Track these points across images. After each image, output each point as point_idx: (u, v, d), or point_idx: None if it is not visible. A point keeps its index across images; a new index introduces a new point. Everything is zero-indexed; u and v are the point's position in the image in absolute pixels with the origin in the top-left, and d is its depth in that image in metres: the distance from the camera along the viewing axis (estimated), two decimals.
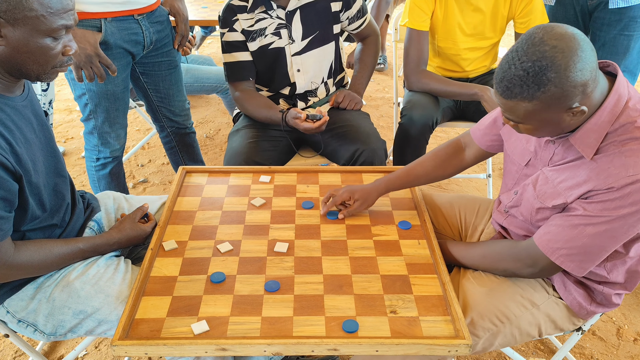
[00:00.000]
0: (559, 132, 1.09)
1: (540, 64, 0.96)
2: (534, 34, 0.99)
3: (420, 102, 2.05)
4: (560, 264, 1.14)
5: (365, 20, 2.04)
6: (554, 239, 1.13)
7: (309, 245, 1.36)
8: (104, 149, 1.98)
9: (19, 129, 1.14)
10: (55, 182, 1.26)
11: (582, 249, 1.10)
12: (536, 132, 1.08)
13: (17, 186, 1.11)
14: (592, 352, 1.82)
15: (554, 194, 1.16)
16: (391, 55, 4.48)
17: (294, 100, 2.01)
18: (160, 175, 2.91)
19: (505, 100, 1.03)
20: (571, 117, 1.03)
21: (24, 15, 1.04)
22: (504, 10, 2.01)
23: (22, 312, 1.24)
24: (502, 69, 1.02)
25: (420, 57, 2.08)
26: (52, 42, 1.10)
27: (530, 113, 1.02)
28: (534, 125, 1.06)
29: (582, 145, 1.08)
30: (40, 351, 1.77)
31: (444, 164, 1.48)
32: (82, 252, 1.28)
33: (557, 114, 1.02)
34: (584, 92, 0.99)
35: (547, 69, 0.96)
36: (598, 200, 1.06)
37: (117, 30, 1.77)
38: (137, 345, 1.07)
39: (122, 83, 1.88)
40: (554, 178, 1.16)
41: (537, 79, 0.97)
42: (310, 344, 1.07)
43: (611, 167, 1.05)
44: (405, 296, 1.20)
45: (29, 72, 1.11)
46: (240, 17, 1.87)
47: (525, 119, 1.04)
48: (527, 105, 1.01)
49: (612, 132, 1.06)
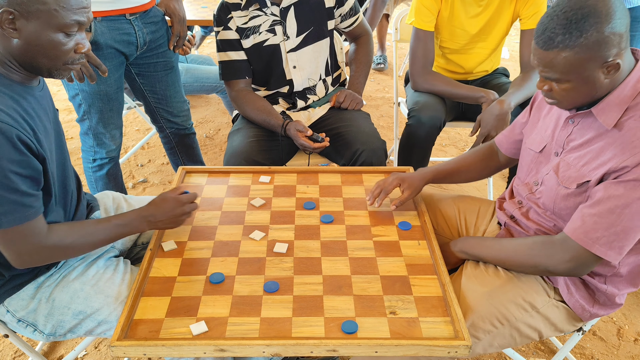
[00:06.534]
0: (592, 95, 1.10)
1: (582, 12, 1.01)
2: None
3: (428, 103, 2.04)
4: (602, 254, 1.10)
5: (357, 19, 2.05)
6: (593, 229, 1.10)
7: (309, 245, 1.36)
8: (99, 149, 1.97)
9: (39, 117, 1.15)
10: (64, 176, 1.26)
11: (622, 233, 1.08)
12: (572, 92, 1.10)
13: (41, 168, 1.11)
14: (593, 353, 1.82)
15: (579, 176, 1.16)
16: (391, 55, 4.48)
17: (293, 99, 2.01)
18: (160, 175, 2.91)
19: (546, 52, 1.06)
20: (605, 75, 1.06)
21: (36, 8, 1.04)
22: (509, 9, 2.01)
23: (22, 311, 1.24)
24: (543, 23, 1.06)
25: (427, 58, 2.07)
26: (64, 37, 1.10)
27: (571, 64, 1.05)
28: (571, 81, 1.08)
29: (603, 116, 1.11)
30: (40, 351, 1.77)
31: (483, 164, 1.53)
32: (117, 227, 1.23)
33: (595, 69, 1.05)
34: (619, 45, 1.04)
35: (590, 16, 1.01)
36: (628, 179, 1.06)
37: (107, 30, 1.75)
38: (136, 345, 1.07)
39: (115, 83, 1.87)
40: (576, 163, 1.17)
41: (579, 25, 1.01)
42: (309, 345, 1.07)
43: (635, 140, 1.06)
44: (404, 297, 1.20)
45: (41, 66, 1.11)
46: (234, 14, 1.87)
47: (564, 73, 1.07)
48: (568, 55, 1.04)
49: (633, 106, 1.09)
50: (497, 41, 2.11)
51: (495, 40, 2.10)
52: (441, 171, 1.51)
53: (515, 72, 3.88)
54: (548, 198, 1.25)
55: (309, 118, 2.02)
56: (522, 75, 2.01)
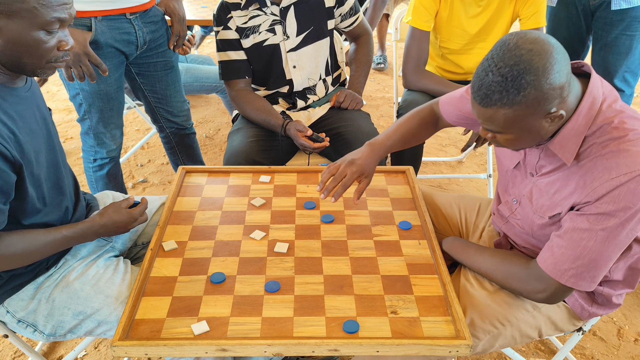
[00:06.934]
0: (538, 141, 1.06)
1: (518, 68, 0.94)
2: (507, 40, 0.97)
3: (417, 101, 2.04)
4: (572, 285, 1.09)
5: (357, 19, 2.05)
6: (561, 261, 1.09)
7: (309, 245, 1.36)
8: (100, 149, 1.97)
9: (23, 118, 1.14)
10: (56, 177, 1.26)
11: (590, 265, 1.07)
12: (516, 142, 1.06)
13: (14, 178, 1.09)
14: (593, 353, 1.82)
15: (552, 205, 1.13)
16: (391, 55, 4.48)
17: (293, 98, 2.01)
18: (159, 175, 2.91)
19: (484, 108, 1.00)
20: (549, 123, 1.01)
21: (17, 7, 1.03)
22: (508, 9, 2.01)
23: (22, 312, 1.24)
24: (479, 77, 0.99)
25: (420, 57, 2.08)
26: (45, 35, 1.08)
27: (511, 120, 0.99)
28: (513, 134, 1.03)
29: (561, 150, 1.07)
30: (40, 351, 1.77)
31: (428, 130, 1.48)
32: (66, 239, 1.21)
33: (537, 120, 1.00)
34: (561, 96, 0.98)
35: (526, 72, 0.94)
36: (591, 213, 1.04)
37: (107, 29, 1.75)
38: (137, 345, 1.07)
39: (115, 83, 1.87)
40: (548, 189, 1.14)
41: (516, 83, 0.95)
42: (310, 344, 1.07)
43: (595, 172, 1.02)
44: (405, 296, 1.20)
45: (24, 66, 1.10)
46: (234, 14, 1.87)
47: (505, 128, 1.01)
48: (507, 112, 0.98)
49: (591, 135, 1.04)
50: (496, 41, 2.11)
51: (495, 41, 2.10)
52: (390, 146, 1.44)
53: None
54: (525, 223, 1.23)
55: (309, 118, 2.01)
56: None
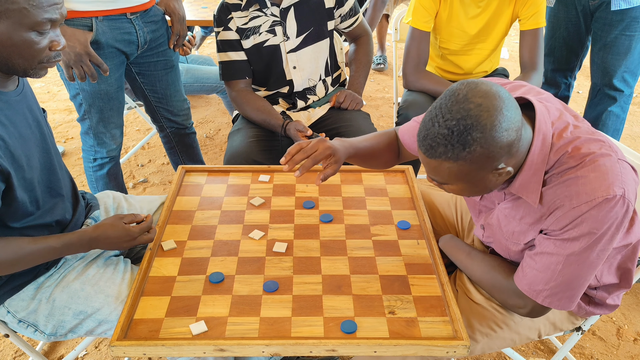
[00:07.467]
0: (486, 192, 1.05)
1: (465, 123, 0.90)
2: (457, 90, 0.94)
3: (417, 101, 2.05)
4: (549, 305, 1.08)
5: (357, 19, 2.06)
6: (534, 282, 1.07)
7: (308, 245, 1.36)
8: (100, 149, 1.97)
9: (13, 123, 1.13)
10: (50, 180, 1.25)
11: (563, 286, 1.05)
12: (462, 192, 1.04)
13: (2, 186, 1.09)
14: (592, 352, 1.82)
15: (522, 231, 1.12)
16: (391, 55, 4.48)
17: (293, 99, 2.01)
18: (160, 175, 2.91)
19: (428, 159, 0.97)
20: (497, 178, 0.99)
21: (6, 8, 1.03)
22: (508, 10, 2.01)
23: (22, 312, 1.24)
24: (426, 126, 0.96)
25: (420, 57, 2.08)
26: (36, 36, 1.08)
27: (455, 174, 0.97)
28: (458, 186, 1.01)
29: (524, 193, 1.05)
30: (40, 351, 1.77)
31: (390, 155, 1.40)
32: (53, 250, 1.17)
33: (483, 175, 0.97)
34: (509, 152, 0.95)
35: (472, 128, 0.90)
36: (557, 238, 1.03)
37: (108, 29, 1.76)
38: (136, 345, 1.07)
39: (116, 82, 1.87)
40: (514, 215, 1.13)
41: (461, 138, 0.91)
42: (308, 344, 1.07)
43: (557, 201, 1.01)
44: (403, 297, 1.20)
45: (15, 66, 1.10)
46: (234, 15, 1.88)
47: (450, 180, 0.99)
48: (452, 166, 0.95)
49: (549, 169, 1.03)
50: (496, 42, 2.11)
51: (495, 41, 2.10)
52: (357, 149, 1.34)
53: (515, 72, 3.88)
54: (499, 249, 1.22)
55: (309, 118, 2.02)
56: (522, 76, 2.01)
